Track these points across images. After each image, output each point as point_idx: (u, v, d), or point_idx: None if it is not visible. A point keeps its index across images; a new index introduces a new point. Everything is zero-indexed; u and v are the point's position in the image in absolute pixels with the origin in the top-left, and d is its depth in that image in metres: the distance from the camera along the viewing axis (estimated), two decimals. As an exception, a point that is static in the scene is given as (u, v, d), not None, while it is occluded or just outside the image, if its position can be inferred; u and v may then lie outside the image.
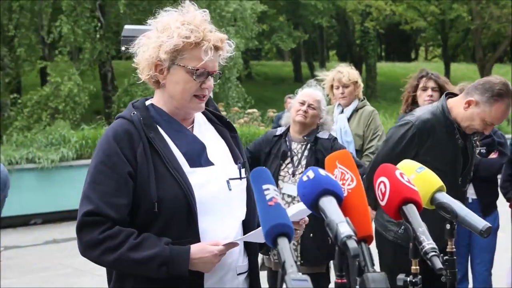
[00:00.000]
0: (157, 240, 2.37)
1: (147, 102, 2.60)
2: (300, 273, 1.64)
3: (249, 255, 2.60)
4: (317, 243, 4.71)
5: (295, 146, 4.97)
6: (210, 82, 2.52)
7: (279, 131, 5.09)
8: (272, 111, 15.23)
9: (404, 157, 4.00)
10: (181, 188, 2.40)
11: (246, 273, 2.57)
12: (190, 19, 2.45)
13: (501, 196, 5.68)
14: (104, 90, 23.17)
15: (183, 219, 2.40)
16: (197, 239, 2.41)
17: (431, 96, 5.46)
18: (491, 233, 4.01)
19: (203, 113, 2.69)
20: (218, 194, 2.48)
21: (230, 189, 2.53)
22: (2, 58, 20.27)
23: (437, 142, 3.97)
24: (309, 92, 5.03)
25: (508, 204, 5.74)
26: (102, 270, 2.62)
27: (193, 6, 2.52)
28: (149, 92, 18.96)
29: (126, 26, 4.16)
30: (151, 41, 2.47)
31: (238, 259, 2.52)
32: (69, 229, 10.85)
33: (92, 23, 20.84)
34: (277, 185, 4.76)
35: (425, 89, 5.50)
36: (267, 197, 1.90)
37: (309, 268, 4.76)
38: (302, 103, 4.95)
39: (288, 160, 4.92)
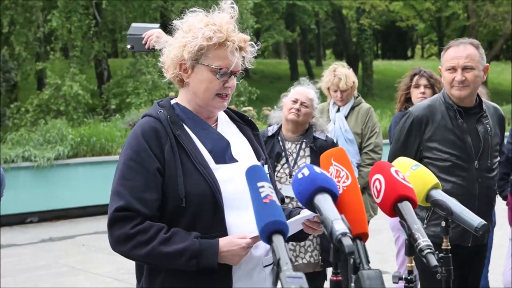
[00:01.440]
0: (187, 234, 2.43)
1: (172, 101, 2.67)
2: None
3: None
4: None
5: (289, 146, 4.95)
6: (233, 81, 2.60)
7: (271, 131, 5.05)
8: (267, 109, 15.23)
9: (410, 148, 4.02)
10: (207, 183, 2.46)
11: (271, 265, 2.59)
12: (215, 20, 2.54)
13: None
14: (100, 89, 23.14)
15: (210, 213, 2.46)
16: (224, 233, 2.46)
17: (424, 93, 5.51)
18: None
19: (226, 112, 2.76)
20: (243, 190, 2.47)
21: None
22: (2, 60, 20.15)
23: (438, 126, 3.96)
24: (301, 90, 5.01)
25: (504, 202, 5.74)
26: (98, 269, 2.63)
27: (224, 8, 2.60)
28: (140, 84, 19.00)
29: (133, 24, 4.14)
30: (177, 41, 2.56)
31: (264, 252, 2.56)
32: (65, 228, 10.85)
33: (85, 20, 20.77)
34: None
35: (417, 86, 5.56)
36: (262, 195, 1.91)
37: (305, 267, 4.76)
38: (295, 101, 4.93)
39: (283, 160, 4.90)
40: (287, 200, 4.79)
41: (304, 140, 4.93)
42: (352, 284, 1.85)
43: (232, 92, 2.63)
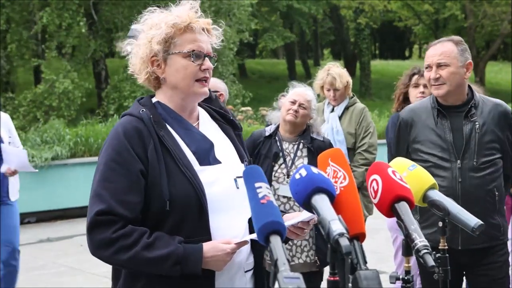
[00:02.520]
0: (170, 239, 2.36)
1: (153, 99, 2.59)
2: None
3: (254, 253, 2.60)
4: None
5: (287, 146, 4.95)
6: (208, 62, 2.52)
7: (268, 131, 5.06)
8: (264, 109, 15.25)
9: (401, 151, 4.01)
10: (192, 186, 2.39)
11: (252, 271, 2.58)
12: (173, 10, 2.49)
13: None
14: (98, 89, 23.12)
15: (194, 217, 2.40)
16: (208, 237, 2.41)
17: (423, 93, 5.49)
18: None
19: (207, 110, 2.69)
20: (227, 193, 2.48)
21: (238, 187, 2.52)
22: None
23: (422, 127, 3.94)
24: (300, 92, 5.01)
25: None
26: (96, 269, 2.62)
27: (184, 5, 2.53)
28: (136, 87, 19.00)
29: (133, 26, 4.14)
30: (142, 41, 2.49)
31: (246, 257, 2.53)
32: (63, 228, 10.84)
33: (77, 17, 20.75)
34: (270, 186, 4.74)
35: (416, 86, 5.52)
36: (260, 195, 1.91)
37: (302, 267, 4.76)
38: (293, 103, 4.93)
39: (281, 161, 4.90)
40: (284, 200, 4.80)
41: (302, 141, 4.94)
42: (350, 285, 1.85)
43: (210, 76, 2.55)
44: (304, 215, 2.46)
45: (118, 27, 21.66)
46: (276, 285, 1.66)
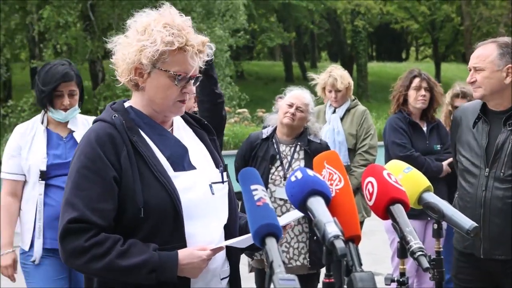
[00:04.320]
0: (145, 246, 2.32)
1: (126, 104, 2.54)
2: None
3: (230, 259, 2.58)
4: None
5: (284, 149, 4.95)
6: (191, 86, 2.48)
7: (265, 133, 5.05)
8: (261, 111, 15.27)
9: (452, 147, 4.01)
10: (167, 192, 2.35)
11: (228, 277, 2.56)
12: (170, 21, 2.39)
13: None
14: (94, 90, 23.14)
15: (169, 224, 2.36)
16: (183, 244, 2.38)
17: (424, 96, 5.50)
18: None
19: (181, 116, 2.63)
20: (202, 199, 2.45)
21: (213, 193, 2.50)
22: None
23: (465, 128, 3.86)
24: (297, 95, 5.01)
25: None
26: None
27: (172, 8, 2.46)
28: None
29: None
30: (132, 43, 2.41)
31: (221, 264, 2.51)
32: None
33: (74, 16, 20.77)
34: (267, 188, 4.75)
35: (418, 88, 5.52)
36: (255, 197, 1.91)
37: (299, 269, 4.77)
38: (290, 105, 4.93)
39: (278, 163, 4.90)
40: (281, 203, 4.81)
41: (299, 143, 4.94)
42: (345, 286, 1.86)
43: (189, 98, 2.50)
44: (285, 218, 2.46)
45: (114, 28, 21.68)
46: (272, 286, 1.67)
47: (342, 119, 6.05)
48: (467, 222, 2.24)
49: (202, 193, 2.45)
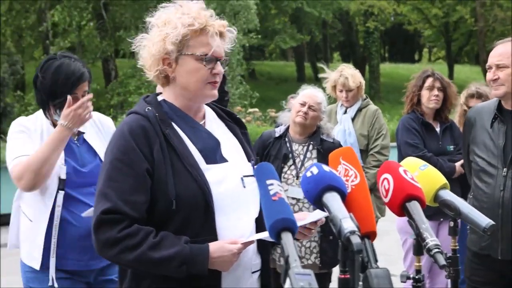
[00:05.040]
0: (176, 239, 2.34)
1: (159, 98, 2.56)
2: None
3: (261, 253, 2.57)
4: (335, 246, 4.71)
5: (296, 148, 4.95)
6: (220, 67, 2.50)
7: (278, 132, 5.05)
8: (272, 111, 15.27)
9: (464, 148, 3.98)
10: (198, 185, 2.37)
11: (259, 271, 2.55)
12: (188, 9, 2.45)
13: None
14: (107, 89, 23.25)
15: (200, 216, 2.37)
16: (214, 237, 2.38)
17: (437, 96, 5.47)
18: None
19: (213, 109, 2.67)
20: (234, 192, 2.45)
21: (244, 186, 2.50)
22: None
23: (480, 128, 3.84)
24: (310, 93, 5.00)
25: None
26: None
27: (188, 2, 2.51)
28: (142, 84, 19.16)
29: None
30: (155, 37, 2.45)
31: (252, 257, 2.50)
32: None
33: (85, 15, 20.87)
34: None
35: (431, 88, 5.48)
36: (271, 192, 1.91)
37: (311, 268, 4.75)
38: (303, 104, 4.92)
39: (290, 162, 4.89)
40: (293, 202, 4.80)
41: (311, 142, 4.93)
42: (360, 283, 1.85)
43: (220, 80, 2.52)
44: (313, 216, 2.45)
45: (127, 27, 21.78)
46: (287, 282, 1.67)
47: (353, 119, 6.01)
48: (483, 220, 2.23)
49: (233, 186, 2.45)
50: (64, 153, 3.46)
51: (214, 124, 2.61)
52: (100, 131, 3.68)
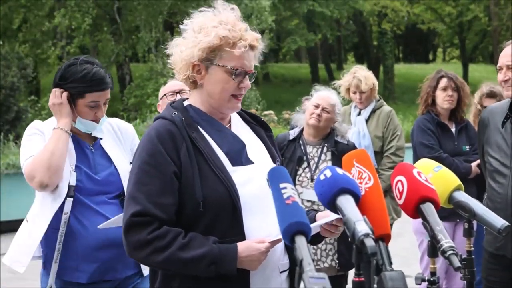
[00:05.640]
0: (205, 239, 2.38)
1: (185, 103, 2.61)
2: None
3: (289, 253, 2.59)
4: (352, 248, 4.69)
5: (311, 150, 4.94)
6: (247, 81, 2.55)
7: (292, 134, 5.05)
8: (287, 113, 15.28)
9: (479, 149, 3.97)
10: (225, 187, 2.42)
11: (287, 271, 2.57)
12: (225, 19, 2.49)
13: None
14: (122, 93, 23.37)
15: (228, 217, 2.42)
16: (242, 237, 2.42)
17: (451, 96, 5.46)
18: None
19: (238, 113, 2.71)
20: (260, 193, 2.48)
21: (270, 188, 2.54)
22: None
23: (493, 128, 3.83)
24: (323, 95, 4.98)
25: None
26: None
27: (225, 5, 2.55)
28: (159, 86, 19.19)
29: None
30: (188, 41, 2.50)
31: (280, 257, 2.53)
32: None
33: (87, 20, 20.99)
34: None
35: (445, 89, 5.48)
36: (285, 196, 1.91)
37: (327, 271, 4.75)
38: (317, 106, 4.91)
39: (305, 164, 4.88)
40: (308, 204, 4.79)
41: (326, 144, 4.92)
42: (375, 285, 1.85)
43: (245, 92, 2.57)
44: (328, 218, 2.46)
45: (140, 30, 21.89)
46: (302, 285, 1.67)
47: (367, 120, 6.00)
48: (498, 221, 2.22)
49: (259, 187, 2.48)
50: (76, 159, 3.36)
51: (239, 128, 2.66)
52: (118, 138, 3.58)
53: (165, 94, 4.27)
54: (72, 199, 3.28)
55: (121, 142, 3.56)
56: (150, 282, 2.58)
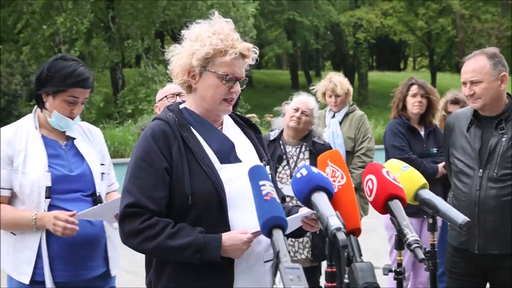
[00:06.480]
0: (192, 229, 2.43)
1: (181, 106, 2.67)
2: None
3: None
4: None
5: (290, 150, 4.98)
6: (238, 87, 2.59)
7: (272, 135, 5.08)
8: (269, 116, 15.29)
9: (445, 151, 3.99)
10: (212, 182, 2.46)
11: (272, 261, 2.59)
12: (219, 29, 2.55)
13: None
14: (115, 96, 23.28)
15: (214, 211, 2.46)
16: (227, 229, 2.46)
17: (420, 102, 5.50)
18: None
19: (231, 116, 2.77)
20: (246, 189, 2.46)
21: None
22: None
23: (458, 132, 3.87)
24: (303, 100, 5.04)
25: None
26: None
27: (220, 18, 2.61)
28: (151, 91, 19.21)
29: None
30: (185, 49, 2.56)
31: (265, 248, 2.56)
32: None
33: (85, 24, 20.89)
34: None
35: (414, 95, 5.53)
36: (263, 192, 1.93)
37: (304, 262, 4.77)
38: (296, 110, 4.96)
39: (285, 163, 4.92)
40: (288, 199, 4.80)
41: (304, 144, 4.96)
42: (346, 275, 1.86)
43: (236, 97, 2.62)
44: (303, 212, 2.48)
45: (132, 38, 21.81)
46: (278, 275, 1.68)
47: (341, 123, 6.04)
48: (459, 217, 2.25)
49: (245, 184, 2.47)
50: (49, 159, 3.17)
51: (231, 129, 2.71)
52: (89, 140, 3.42)
53: (165, 96, 4.27)
54: (49, 199, 3.13)
55: (92, 143, 3.43)
56: (146, 268, 2.65)
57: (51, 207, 3.13)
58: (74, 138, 3.33)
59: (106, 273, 3.35)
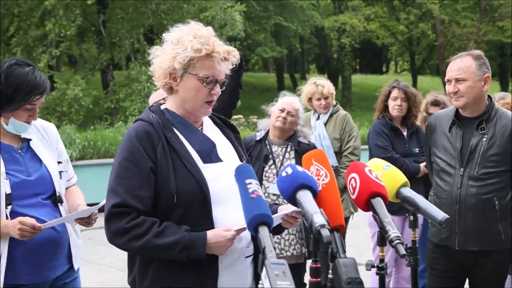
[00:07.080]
0: (178, 228, 2.42)
1: (162, 107, 2.66)
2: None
3: (254, 241, 2.63)
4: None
5: (276, 149, 4.98)
6: (218, 89, 2.59)
7: (259, 136, 5.09)
8: (254, 117, 15.31)
9: (427, 151, 4.02)
10: (197, 181, 2.46)
11: (252, 256, 2.61)
12: (200, 33, 2.54)
13: None
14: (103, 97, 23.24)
15: (199, 209, 2.46)
16: (211, 226, 2.46)
17: (400, 105, 5.53)
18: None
19: (210, 117, 2.75)
20: (228, 187, 2.51)
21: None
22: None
23: (440, 132, 3.89)
24: (288, 101, 5.04)
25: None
26: (101, 260, 2.60)
27: (198, 24, 2.60)
28: (132, 91, 19.41)
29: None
30: (167, 52, 2.54)
31: (246, 244, 2.57)
32: (73, 223, 10.76)
33: (73, 27, 20.82)
34: (261, 185, 4.77)
35: (395, 99, 5.55)
36: (250, 190, 1.92)
37: (289, 259, 4.77)
38: (282, 110, 4.96)
39: (271, 162, 4.92)
40: (274, 197, 4.82)
41: (290, 144, 4.97)
42: (330, 271, 1.86)
43: (216, 99, 2.62)
44: (288, 209, 2.49)
45: (122, 42, 21.78)
46: (264, 271, 1.67)
47: (325, 124, 6.04)
48: (439, 214, 2.25)
49: (228, 182, 2.52)
50: (6, 165, 3.03)
51: (210, 130, 2.71)
52: (44, 138, 3.28)
53: (163, 98, 4.24)
54: (10, 207, 3.00)
55: (47, 142, 3.29)
56: (129, 266, 2.61)
57: (12, 214, 2.99)
58: (29, 140, 3.18)
59: (70, 269, 3.29)
